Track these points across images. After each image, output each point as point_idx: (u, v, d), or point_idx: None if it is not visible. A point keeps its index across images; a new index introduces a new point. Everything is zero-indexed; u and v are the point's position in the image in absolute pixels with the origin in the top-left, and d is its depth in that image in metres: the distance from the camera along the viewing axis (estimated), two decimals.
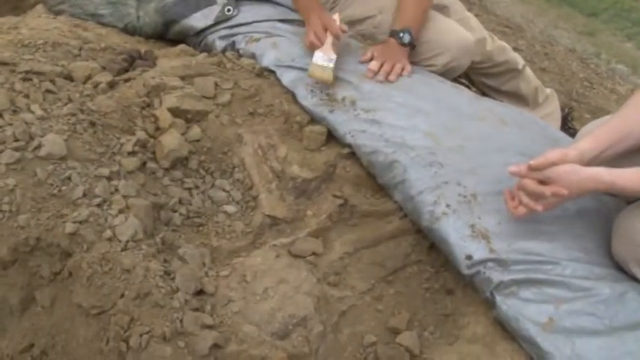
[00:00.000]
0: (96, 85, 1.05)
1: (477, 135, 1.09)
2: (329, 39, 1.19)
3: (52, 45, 1.11)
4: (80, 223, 0.81)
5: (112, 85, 1.07)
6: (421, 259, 1.00)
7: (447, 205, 0.97)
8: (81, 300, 0.75)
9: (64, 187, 0.84)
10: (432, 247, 1.00)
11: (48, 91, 0.97)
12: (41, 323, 0.76)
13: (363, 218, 1.05)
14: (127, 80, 1.11)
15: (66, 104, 0.96)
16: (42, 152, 0.86)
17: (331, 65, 1.16)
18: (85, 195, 0.85)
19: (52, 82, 0.99)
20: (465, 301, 0.93)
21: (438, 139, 1.06)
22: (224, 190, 1.05)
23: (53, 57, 1.08)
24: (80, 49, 1.14)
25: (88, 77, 1.07)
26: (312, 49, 1.20)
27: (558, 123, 1.55)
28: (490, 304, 0.88)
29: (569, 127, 1.59)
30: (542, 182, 0.86)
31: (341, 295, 0.90)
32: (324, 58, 1.17)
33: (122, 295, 0.76)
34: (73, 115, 0.94)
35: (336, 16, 1.23)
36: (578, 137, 1.08)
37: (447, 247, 0.93)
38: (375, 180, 1.09)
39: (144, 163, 0.99)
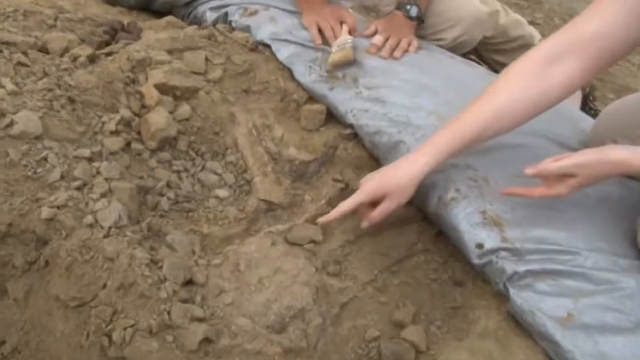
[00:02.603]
0: (74, 59, 1.02)
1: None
2: (345, 29, 1.14)
3: (24, 14, 1.07)
4: (58, 207, 0.78)
5: (92, 60, 1.04)
6: (428, 248, 0.98)
7: (456, 190, 0.94)
8: (59, 291, 0.73)
9: (39, 169, 0.81)
10: (439, 235, 0.99)
11: (20, 63, 0.93)
12: (14, 318, 0.74)
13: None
14: (108, 54, 1.07)
15: (41, 79, 0.92)
16: (14, 131, 0.82)
17: (349, 44, 1.13)
18: (63, 177, 0.82)
19: (25, 54, 0.95)
20: (475, 294, 0.91)
21: (447, 118, 1.01)
22: (215, 173, 1.03)
23: (25, 27, 1.04)
24: (55, 19, 1.10)
25: (66, 50, 1.03)
26: (325, 44, 1.15)
27: (578, 102, 1.51)
28: (503, 297, 0.86)
29: (590, 107, 1.54)
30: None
31: (341, 286, 0.89)
32: (340, 45, 1.13)
33: (104, 286, 0.73)
34: (50, 90, 0.91)
35: (348, 3, 1.18)
36: (600, 119, 1.05)
37: (456, 234, 0.91)
38: (378, 162, 1.07)
39: (128, 144, 0.96)
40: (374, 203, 0.89)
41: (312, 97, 1.15)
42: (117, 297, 0.73)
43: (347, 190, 1.02)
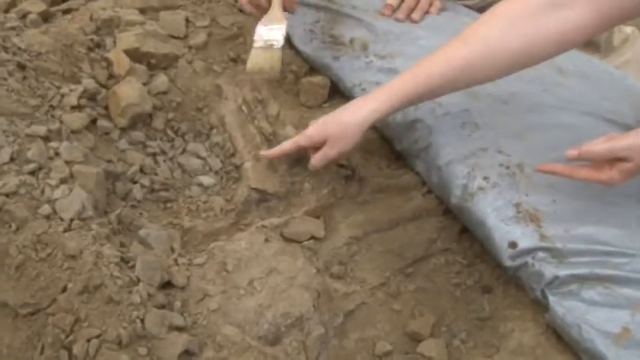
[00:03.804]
0: (23, 16, 1.00)
1: (528, 87, 1.04)
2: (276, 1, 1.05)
3: None
4: (7, 195, 0.76)
5: (45, 18, 1.02)
6: (450, 248, 0.97)
7: (485, 178, 0.93)
8: (7, 296, 0.71)
9: None
10: (463, 231, 0.98)
11: None
12: None
13: (376, 194, 1.02)
14: (66, 11, 1.06)
15: None
16: None
17: (278, 42, 1.00)
18: (13, 159, 0.80)
19: None
20: (507, 302, 0.90)
21: (474, 92, 1.01)
22: (198, 157, 1.03)
23: None
24: None
25: (11, 5, 1.02)
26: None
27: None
28: (541, 307, 0.85)
29: None
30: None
31: (347, 291, 0.88)
32: (268, 33, 1.02)
33: (64, 289, 0.72)
34: None
35: None
36: None
37: (484, 231, 0.90)
38: (391, 145, 1.06)
39: (93, 121, 0.95)
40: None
41: (314, 68, 1.15)
42: (79, 302, 0.72)
43: (354, 179, 1.01)
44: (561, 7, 0.79)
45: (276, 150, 0.95)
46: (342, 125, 0.87)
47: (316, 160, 0.93)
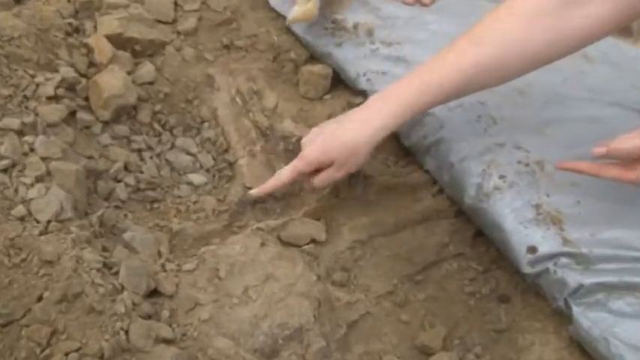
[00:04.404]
0: None
1: (548, 76, 1.02)
2: None
3: None
4: None
5: None
6: (463, 252, 0.97)
7: (501, 177, 0.93)
8: None
9: None
10: (478, 235, 0.97)
11: None
12: None
13: (382, 194, 1.02)
14: None
15: None
16: None
17: None
18: None
19: None
20: (526, 313, 0.90)
21: None
22: (188, 153, 1.03)
23: None
24: None
25: None
26: None
27: None
28: (564, 318, 0.84)
29: None
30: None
31: (350, 299, 0.88)
32: None
33: (40, 298, 0.71)
34: None
35: None
36: None
37: (501, 235, 0.90)
38: (398, 140, 1.06)
39: (72, 113, 0.94)
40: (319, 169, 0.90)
41: (314, 56, 1.14)
42: (57, 312, 0.71)
43: (359, 177, 1.00)
44: (582, 1, 0.79)
45: (271, 183, 0.90)
46: (347, 146, 0.85)
47: (320, 181, 0.88)
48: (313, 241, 0.93)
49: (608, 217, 0.88)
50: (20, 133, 0.84)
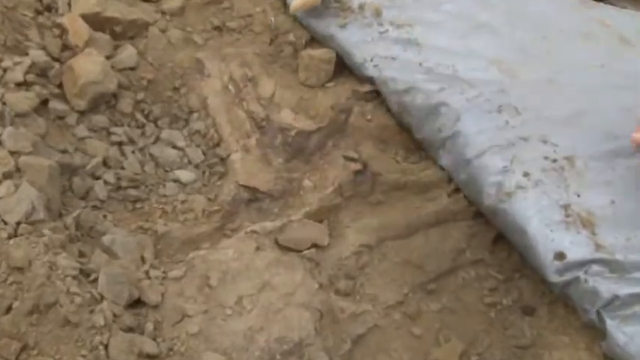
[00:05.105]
0: None
1: (580, 62, 1.04)
2: None
3: None
4: None
5: None
6: (482, 259, 0.97)
7: (525, 174, 0.93)
8: None
9: None
10: (498, 239, 0.97)
11: None
12: None
13: (392, 193, 1.02)
14: None
15: None
16: None
17: None
18: None
19: None
20: (553, 326, 0.90)
21: (513, 69, 1.02)
22: (175, 147, 1.03)
23: None
24: None
25: None
26: None
27: None
28: (596, 332, 0.84)
29: None
30: None
31: (356, 311, 0.89)
32: None
33: (9, 309, 0.71)
34: None
35: None
36: None
37: (524, 239, 0.90)
38: (409, 134, 1.06)
39: (44, 102, 0.94)
40: None
41: (315, 39, 1.14)
42: (28, 325, 0.71)
43: (366, 174, 1.01)
44: None
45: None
46: None
47: None
48: (315, 245, 0.93)
49: None
50: None
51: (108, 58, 1.02)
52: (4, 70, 0.92)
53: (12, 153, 0.83)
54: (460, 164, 0.99)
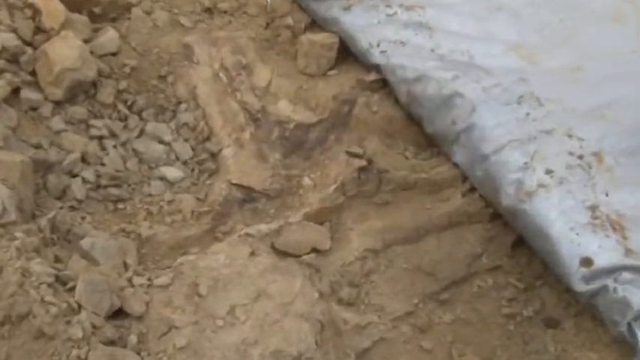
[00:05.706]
0: None
1: (608, 48, 1.04)
2: None
3: None
4: None
5: None
6: (500, 265, 0.97)
7: (548, 172, 0.93)
8: None
9: None
10: (518, 243, 0.98)
11: None
12: None
13: (399, 192, 1.03)
14: None
15: None
16: None
17: None
18: None
19: None
20: (579, 340, 0.90)
21: (535, 54, 1.03)
22: (161, 142, 1.03)
23: None
24: None
25: None
26: None
27: None
28: (626, 346, 0.84)
29: None
30: None
31: (360, 322, 0.89)
32: None
33: None
34: None
35: None
36: None
37: (547, 243, 0.90)
38: (419, 127, 1.06)
39: (15, 90, 0.94)
40: None
41: (316, 22, 1.15)
42: None
43: (371, 171, 1.01)
44: None
45: None
46: None
47: None
48: (315, 249, 0.94)
49: None
50: None
51: (86, 42, 1.02)
52: None
53: None
54: (476, 160, 0.99)
